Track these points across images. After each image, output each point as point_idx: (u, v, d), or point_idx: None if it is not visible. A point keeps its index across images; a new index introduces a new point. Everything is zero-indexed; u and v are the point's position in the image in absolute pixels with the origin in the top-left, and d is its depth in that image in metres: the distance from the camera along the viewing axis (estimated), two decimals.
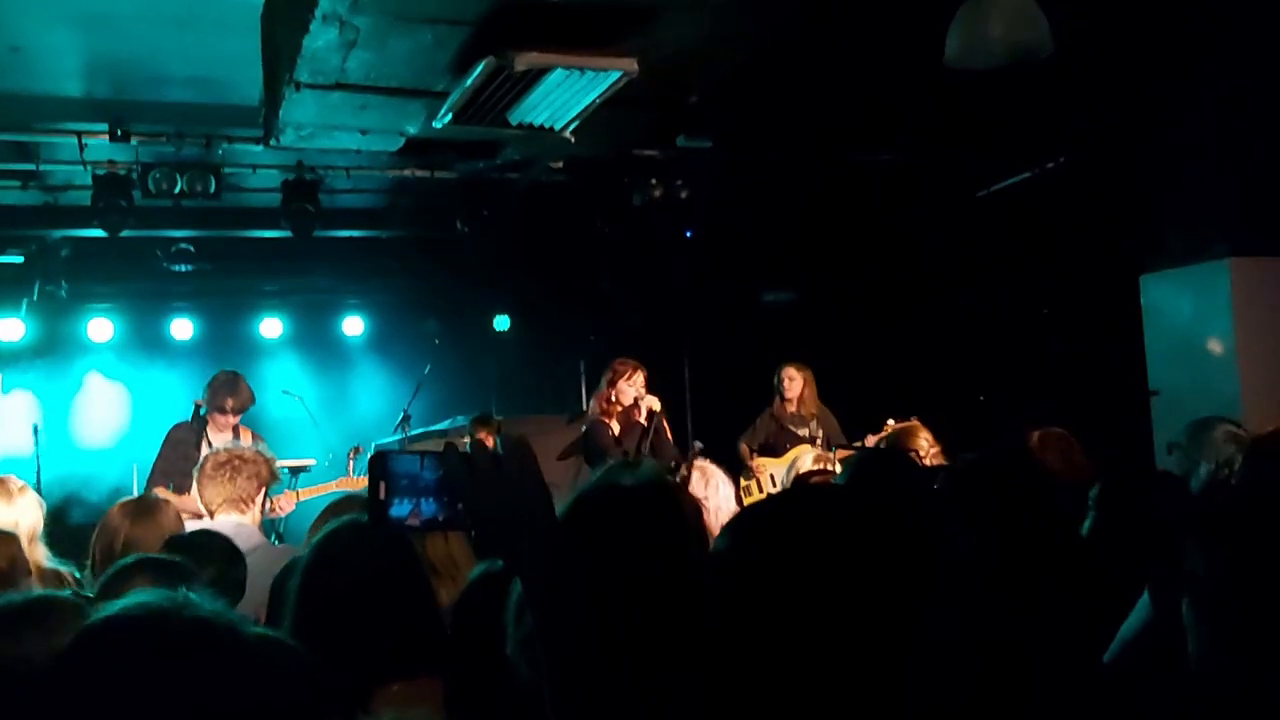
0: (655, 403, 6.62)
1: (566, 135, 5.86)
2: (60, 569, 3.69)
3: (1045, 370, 7.79)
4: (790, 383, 7.62)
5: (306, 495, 6.70)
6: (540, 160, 7.74)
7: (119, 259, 9.37)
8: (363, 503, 1.56)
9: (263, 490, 4.29)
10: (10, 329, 9.67)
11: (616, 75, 5.09)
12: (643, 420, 6.61)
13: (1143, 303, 7.12)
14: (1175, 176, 6.96)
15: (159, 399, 9.99)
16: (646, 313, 9.90)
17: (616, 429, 6.63)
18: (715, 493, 4.83)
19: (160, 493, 5.55)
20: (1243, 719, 1.50)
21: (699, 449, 6.02)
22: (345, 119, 5.89)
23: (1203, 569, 1.56)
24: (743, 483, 7.29)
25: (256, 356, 10.35)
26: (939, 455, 5.25)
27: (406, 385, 9.73)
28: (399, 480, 1.41)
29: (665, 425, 6.73)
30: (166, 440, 6.38)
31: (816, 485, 4.48)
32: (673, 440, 6.85)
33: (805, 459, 7.01)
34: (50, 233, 8.96)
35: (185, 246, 9.20)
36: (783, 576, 1.22)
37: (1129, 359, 7.08)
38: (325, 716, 1.43)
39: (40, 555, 3.65)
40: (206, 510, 4.22)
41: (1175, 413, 6.16)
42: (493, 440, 1.44)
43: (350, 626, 2.08)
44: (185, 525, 3.83)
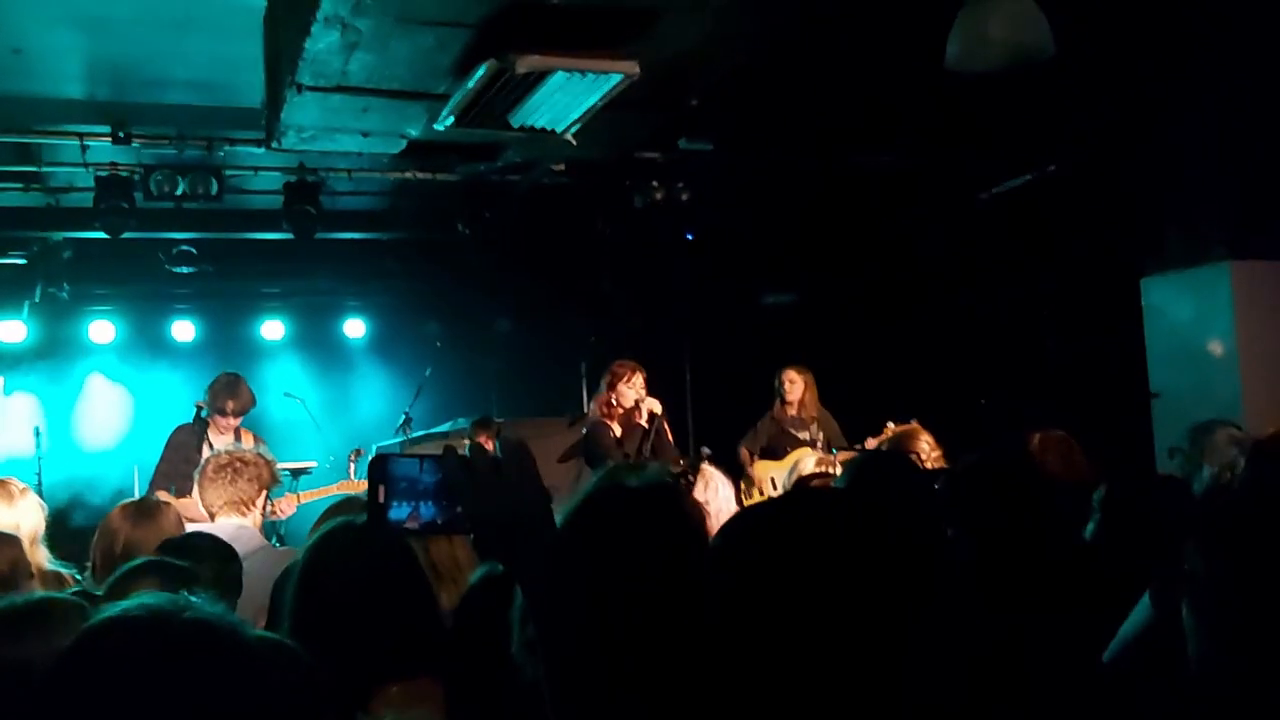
0: (656, 405, 6.61)
1: (568, 137, 5.87)
2: (61, 571, 3.69)
3: (1046, 373, 7.78)
4: (791, 385, 7.61)
5: (307, 498, 6.71)
6: (542, 162, 7.75)
7: (121, 261, 9.38)
8: (362, 505, 1.57)
9: (264, 493, 4.30)
10: (12, 331, 9.68)
11: (618, 78, 5.09)
12: (644, 423, 6.60)
13: (1143, 305, 7.11)
14: (1176, 179, 6.96)
15: (160, 401, 10.00)
16: (647, 315, 9.90)
17: (618, 431, 6.62)
18: (715, 495, 4.83)
19: (161, 495, 5.55)
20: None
21: (707, 454, 5.98)
22: (347, 121, 5.90)
23: (1202, 570, 1.56)
24: (743, 487, 7.27)
25: (258, 358, 10.37)
26: (940, 458, 5.24)
27: (408, 387, 9.75)
28: (398, 483, 1.41)
29: (666, 427, 6.72)
30: (168, 443, 6.38)
31: (815, 488, 4.48)
32: (673, 442, 6.84)
33: (807, 462, 6.99)
34: (52, 234, 8.96)
35: (187, 248, 9.20)
36: (777, 575, 1.23)
37: (1130, 361, 7.07)
38: (325, 718, 1.43)
39: (41, 557, 3.65)
40: (207, 513, 4.22)
41: (1176, 415, 6.16)
42: (493, 444, 1.44)
43: (347, 628, 2.08)
44: (186, 528, 3.83)
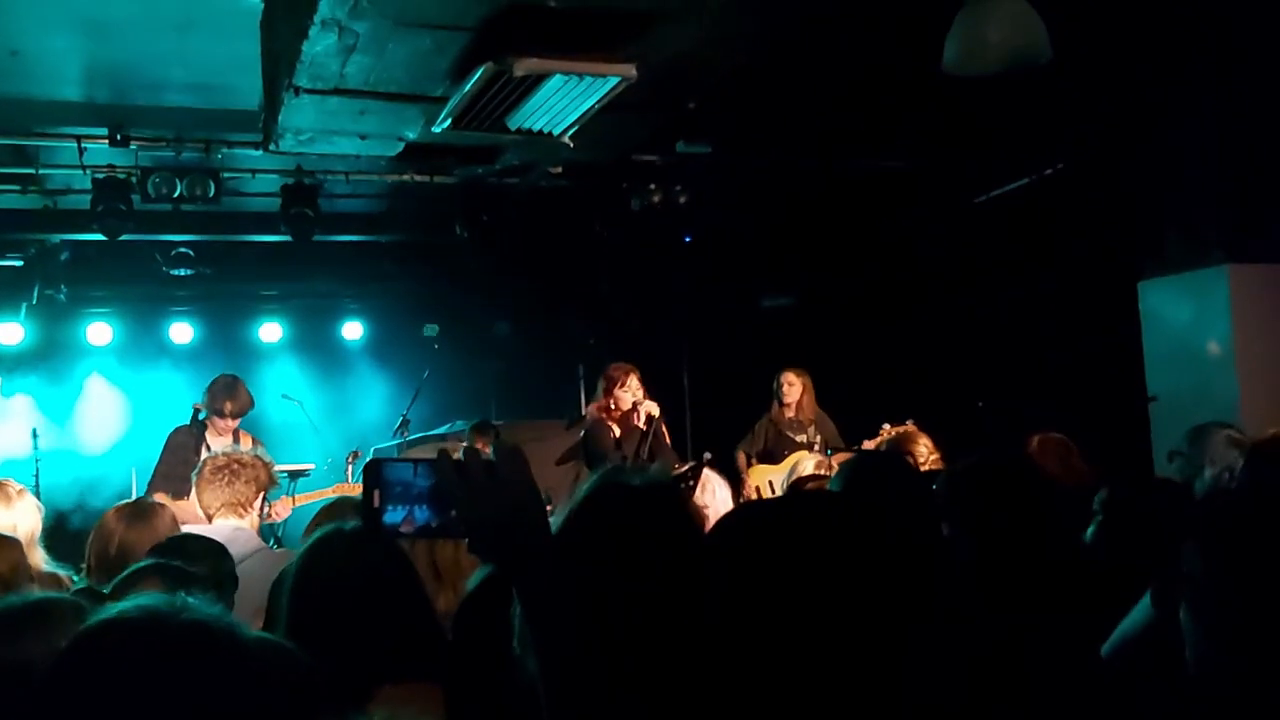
0: (654, 408, 6.60)
1: (565, 140, 5.87)
2: (59, 572, 3.68)
3: (1044, 375, 7.78)
4: (789, 388, 7.61)
5: (303, 501, 6.70)
6: (539, 165, 7.74)
7: (118, 263, 9.38)
8: (356, 506, 1.57)
9: (261, 494, 4.29)
10: (9, 333, 9.67)
11: (615, 80, 5.10)
12: (642, 425, 6.60)
13: (1141, 309, 7.11)
14: (1174, 182, 6.96)
15: (158, 403, 9.99)
16: (645, 317, 9.90)
17: (616, 432, 6.62)
18: (713, 498, 4.84)
19: (158, 497, 5.55)
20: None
21: (708, 459, 5.98)
22: (344, 124, 5.90)
23: (1201, 571, 1.56)
24: (741, 490, 7.26)
25: (256, 361, 10.36)
26: (938, 461, 5.25)
27: (405, 390, 9.74)
28: (393, 487, 1.41)
29: (664, 430, 6.71)
30: (166, 445, 6.38)
31: (810, 490, 4.48)
32: (671, 445, 6.84)
33: (805, 464, 6.97)
34: (50, 236, 8.95)
35: (185, 251, 9.19)
36: (771, 573, 1.22)
37: (1128, 365, 7.07)
38: (321, 718, 1.43)
39: (38, 559, 3.65)
40: (205, 514, 4.21)
41: (1174, 419, 6.16)
42: (488, 448, 1.44)
43: (341, 631, 2.08)
44: (181, 530, 3.82)
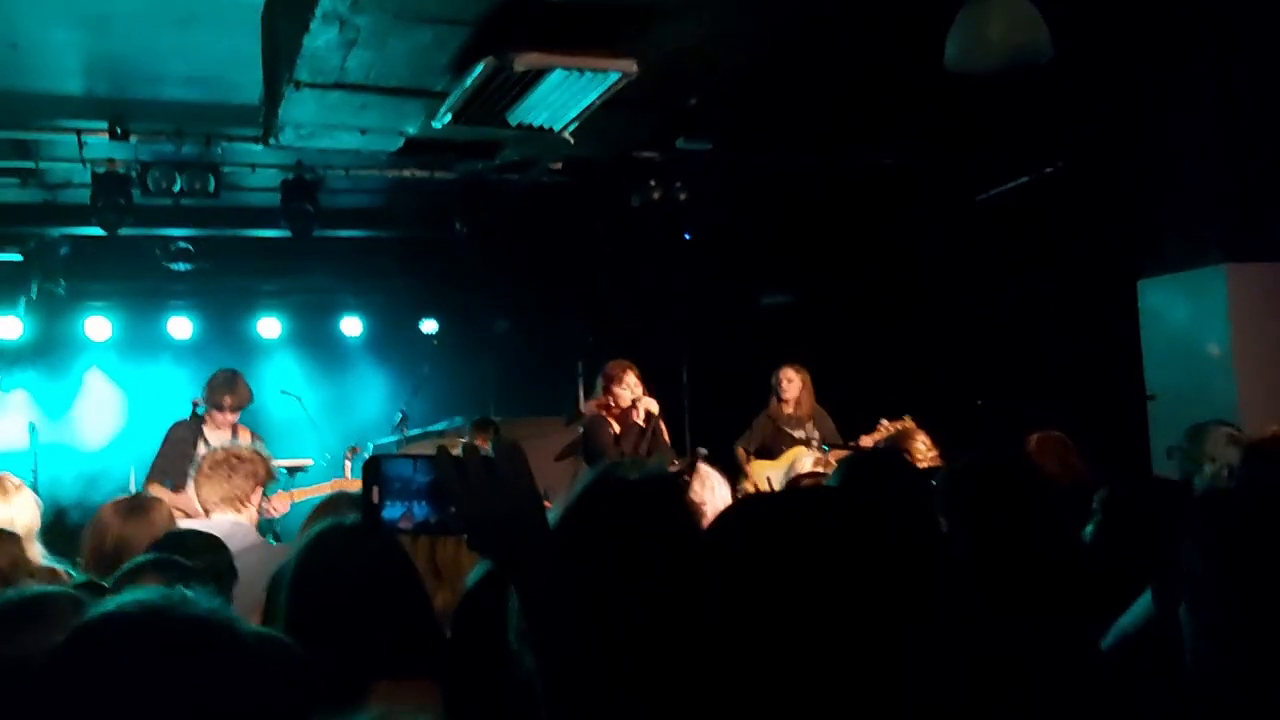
0: (653, 405, 6.60)
1: (566, 136, 5.87)
2: (56, 567, 3.68)
3: (1042, 374, 7.79)
4: (788, 384, 7.60)
5: (301, 496, 6.67)
6: (539, 161, 7.74)
7: (118, 257, 9.38)
8: (352, 500, 1.57)
9: (259, 489, 4.29)
10: (8, 327, 9.65)
11: (616, 76, 5.09)
12: (641, 422, 6.60)
13: (1140, 307, 7.10)
14: (1173, 182, 6.96)
15: (157, 398, 9.98)
16: (645, 314, 9.90)
17: (615, 429, 6.62)
18: (711, 494, 4.82)
19: (156, 491, 5.55)
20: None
21: (703, 454, 5.99)
22: (345, 118, 5.89)
23: (1200, 570, 1.56)
24: (740, 487, 7.25)
25: (255, 356, 10.34)
26: (936, 458, 5.25)
27: (404, 386, 9.74)
28: (392, 484, 1.41)
29: (662, 427, 6.71)
30: (166, 439, 6.38)
31: (807, 486, 4.49)
32: (670, 442, 6.84)
33: (803, 461, 6.98)
34: (49, 230, 8.95)
35: (184, 245, 9.19)
36: (768, 567, 1.22)
37: (1126, 363, 7.07)
38: (319, 713, 1.43)
39: (35, 553, 3.64)
40: (203, 509, 4.21)
41: (1172, 417, 6.16)
42: (488, 445, 1.44)
43: (339, 628, 2.08)
44: (178, 524, 3.82)
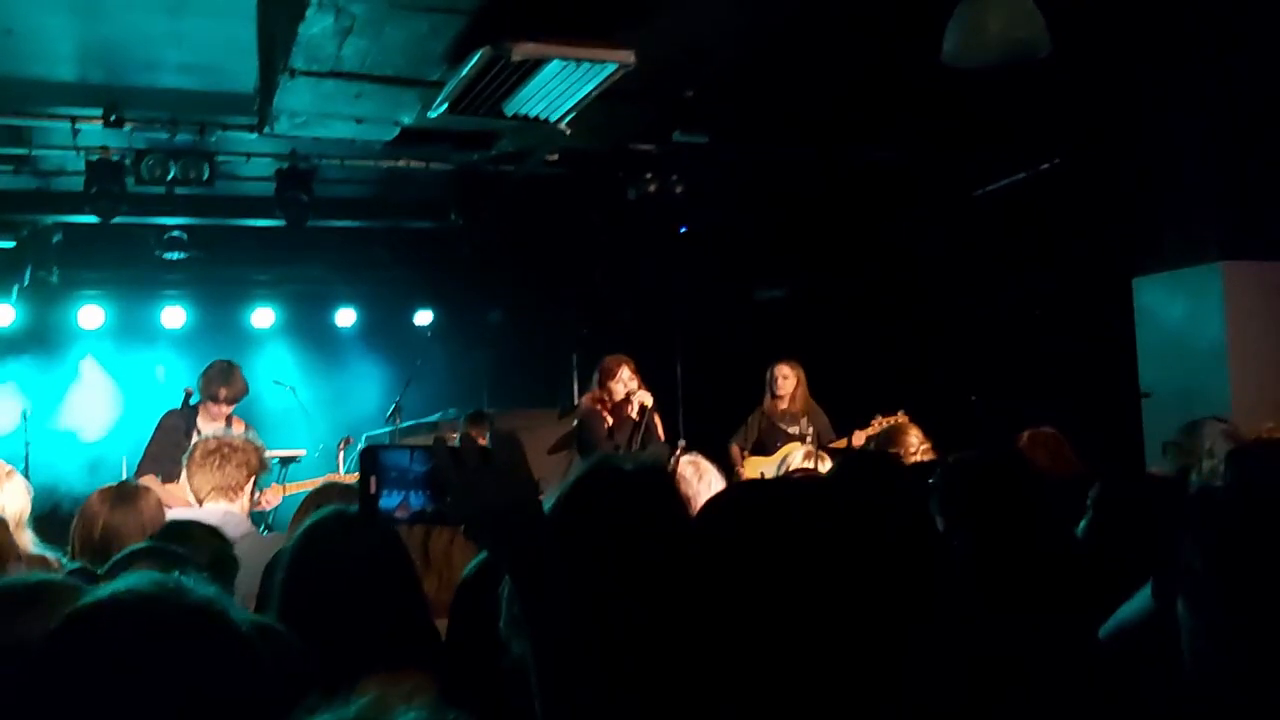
0: (647, 398, 6.61)
1: (562, 127, 5.86)
2: (47, 555, 3.67)
3: (1037, 370, 7.79)
4: (783, 380, 7.59)
5: (294, 490, 6.66)
6: (535, 152, 7.73)
7: (111, 245, 9.34)
8: (343, 490, 1.56)
9: (252, 479, 4.27)
10: (0, 314, 9.62)
11: (613, 67, 5.09)
12: (634, 415, 6.60)
13: (1135, 305, 7.12)
14: (1170, 179, 6.97)
15: (150, 387, 9.97)
16: (640, 308, 9.89)
17: (610, 422, 6.63)
18: (707, 489, 4.82)
19: (147, 480, 5.52)
20: (1237, 718, 1.50)
21: (683, 446, 6.03)
22: (340, 107, 5.88)
23: (1199, 568, 1.55)
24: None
25: (248, 346, 10.32)
26: (929, 452, 5.26)
27: (398, 377, 9.72)
28: (389, 473, 1.42)
29: (657, 420, 6.72)
30: (158, 426, 6.34)
31: (796, 478, 4.49)
32: (664, 437, 6.84)
33: (795, 456, 6.99)
34: (42, 218, 8.91)
35: (178, 234, 9.15)
36: (758, 556, 1.21)
37: (1121, 360, 7.08)
38: (312, 701, 1.42)
39: (26, 540, 3.63)
40: (195, 498, 4.20)
41: (1166, 415, 6.17)
42: (484, 438, 1.44)
43: (334, 616, 2.08)
44: (166, 514, 3.80)
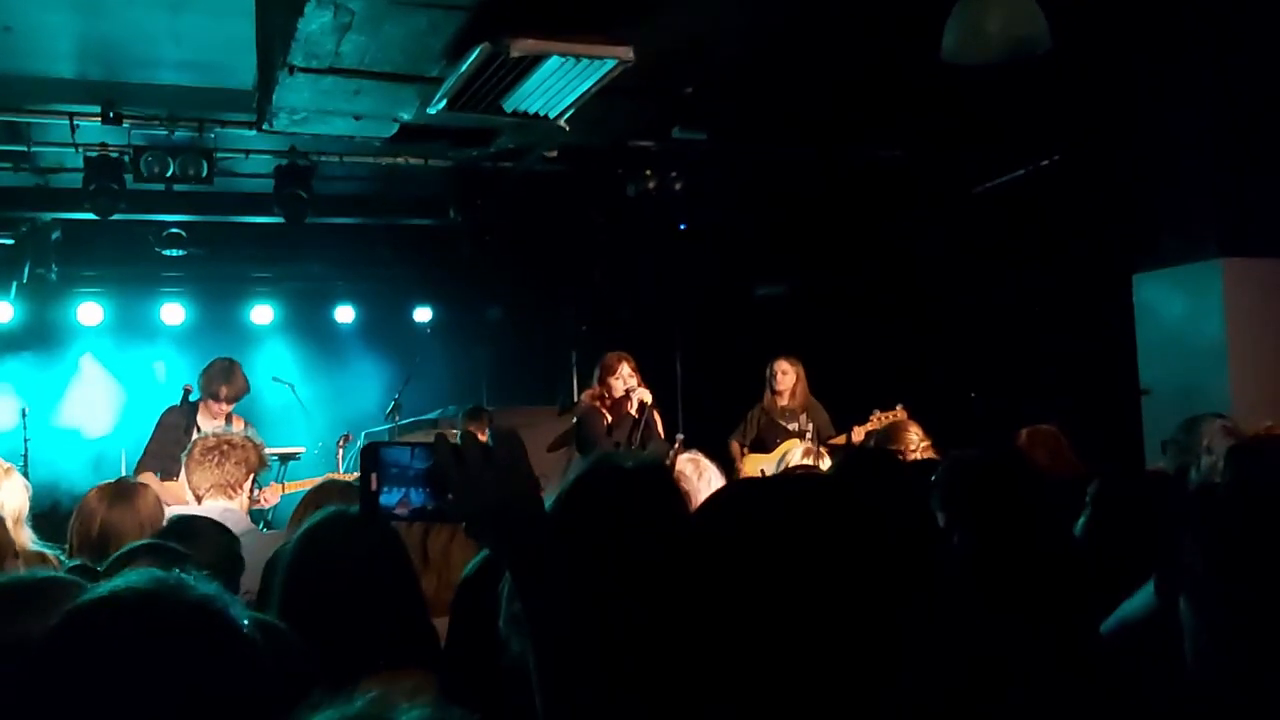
0: (647, 395, 6.60)
1: (561, 124, 5.85)
2: (46, 551, 3.66)
3: (1037, 367, 7.79)
4: (783, 375, 7.58)
5: (293, 489, 6.65)
6: (534, 149, 7.72)
7: (110, 242, 9.32)
8: (342, 488, 1.56)
9: (251, 476, 4.27)
10: None
11: (612, 64, 5.07)
12: (634, 412, 6.60)
13: (1135, 301, 7.11)
14: (1169, 176, 6.97)
15: (149, 384, 9.97)
16: (639, 305, 9.89)
17: (609, 419, 6.62)
18: (707, 486, 4.82)
19: (145, 477, 5.52)
20: (1238, 718, 1.49)
21: (681, 440, 6.03)
22: (339, 104, 5.86)
23: (1200, 567, 1.55)
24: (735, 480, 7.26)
25: (247, 343, 10.32)
26: (929, 449, 5.26)
27: (397, 374, 9.72)
28: (389, 470, 1.41)
29: (656, 418, 6.71)
30: (158, 423, 6.34)
31: (797, 472, 4.49)
32: (664, 434, 6.84)
33: (794, 453, 6.98)
34: (41, 215, 8.90)
35: (177, 231, 9.13)
36: (758, 552, 1.21)
37: (1120, 357, 7.08)
38: (313, 699, 1.42)
39: (25, 538, 3.63)
40: (194, 495, 4.19)
41: (1166, 412, 6.17)
42: (484, 434, 1.44)
43: (335, 614, 2.08)
44: (165, 510, 3.80)
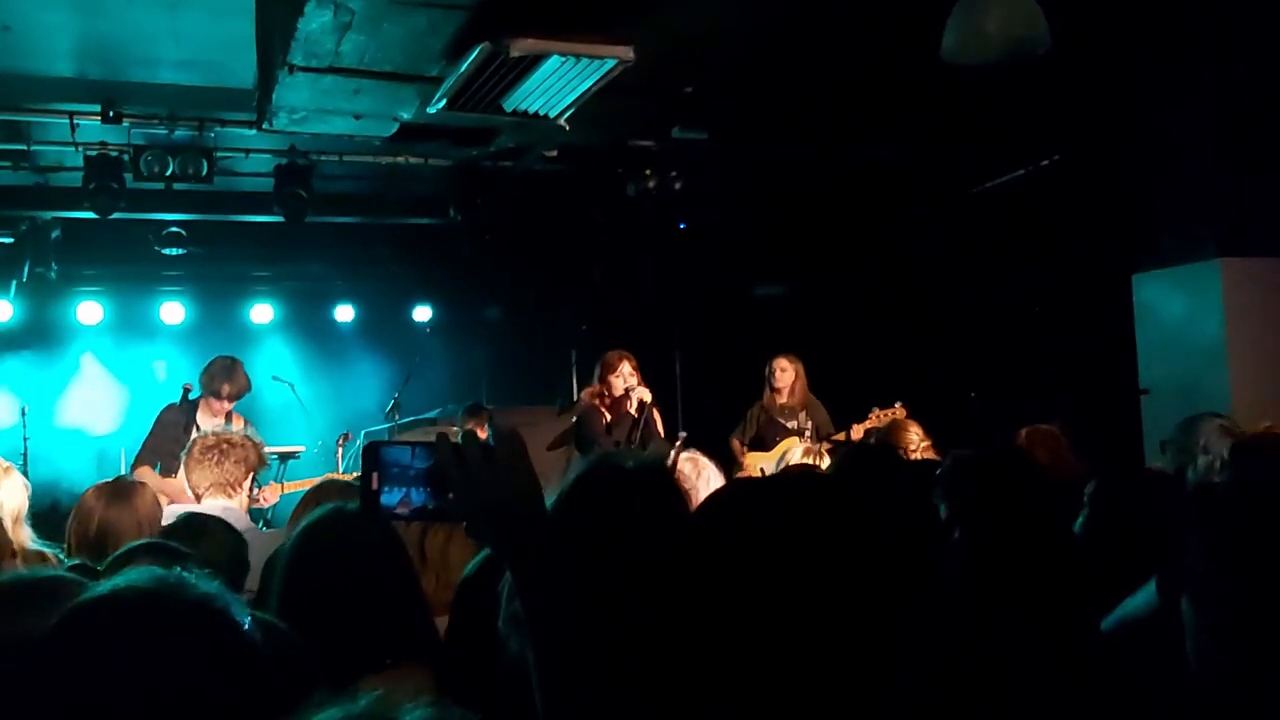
0: (646, 394, 6.60)
1: (561, 123, 5.85)
2: (45, 550, 3.66)
3: (1036, 367, 7.80)
4: (781, 373, 7.59)
5: (292, 489, 6.65)
6: (534, 148, 7.71)
7: (109, 241, 9.32)
8: (342, 488, 1.55)
9: (251, 475, 4.27)
10: None
11: (612, 63, 5.08)
12: (633, 411, 6.60)
13: (1134, 301, 7.11)
14: (1169, 176, 6.97)
15: (148, 382, 9.97)
16: (638, 304, 9.89)
17: (608, 418, 6.62)
18: (706, 485, 4.82)
19: (144, 475, 5.52)
20: (1240, 718, 1.49)
21: (683, 438, 6.02)
22: (338, 103, 5.86)
23: (1202, 566, 1.55)
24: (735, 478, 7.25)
25: (247, 342, 10.31)
26: (929, 449, 5.26)
27: (397, 373, 9.72)
28: (390, 469, 1.41)
29: (656, 417, 6.71)
30: (157, 421, 6.34)
31: (796, 467, 4.50)
32: (663, 433, 6.84)
33: (794, 452, 6.97)
34: (41, 214, 8.89)
35: (176, 230, 9.13)
36: (758, 551, 1.21)
37: (1120, 357, 7.08)
38: (314, 699, 1.42)
39: (24, 537, 3.63)
40: (193, 494, 4.20)
41: (1165, 412, 6.17)
42: (484, 431, 1.44)
43: (335, 613, 2.08)
44: (164, 508, 3.80)
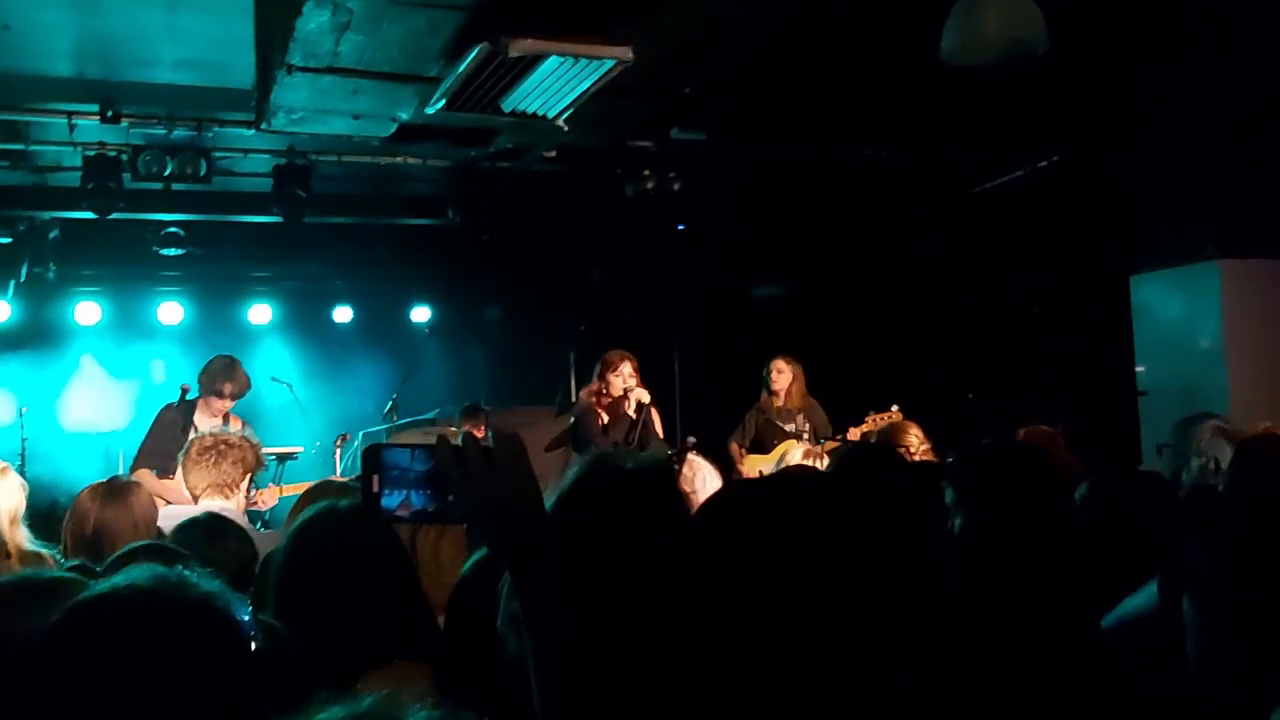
0: (644, 395, 6.60)
1: (560, 124, 5.85)
2: (42, 551, 3.66)
3: (1034, 368, 7.80)
4: (779, 375, 7.58)
5: (290, 491, 6.64)
6: (533, 149, 7.71)
7: (108, 242, 9.30)
8: (339, 489, 1.55)
9: (248, 476, 4.28)
10: None
11: (611, 64, 5.08)
12: (631, 412, 6.59)
13: (1132, 303, 7.12)
14: (1167, 177, 6.98)
15: (146, 383, 9.96)
16: (637, 305, 9.88)
17: (605, 419, 6.62)
18: (703, 486, 4.82)
19: (142, 476, 5.51)
20: (1240, 717, 1.49)
21: (692, 443, 6.00)
22: (337, 103, 5.86)
23: (1204, 567, 1.55)
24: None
25: (245, 342, 10.29)
26: (929, 452, 5.25)
27: (395, 374, 9.72)
28: (390, 472, 1.41)
29: (655, 418, 6.71)
30: (155, 421, 6.33)
31: (795, 468, 4.49)
32: (662, 434, 6.83)
33: (794, 454, 6.96)
34: (39, 214, 8.88)
35: (175, 230, 9.13)
36: (758, 553, 1.20)
37: (1118, 359, 7.09)
38: (312, 699, 1.42)
39: (21, 537, 3.62)
40: (191, 495, 4.20)
41: (1163, 413, 6.17)
42: (482, 432, 1.44)
43: (330, 613, 2.08)
44: (158, 509, 3.80)
